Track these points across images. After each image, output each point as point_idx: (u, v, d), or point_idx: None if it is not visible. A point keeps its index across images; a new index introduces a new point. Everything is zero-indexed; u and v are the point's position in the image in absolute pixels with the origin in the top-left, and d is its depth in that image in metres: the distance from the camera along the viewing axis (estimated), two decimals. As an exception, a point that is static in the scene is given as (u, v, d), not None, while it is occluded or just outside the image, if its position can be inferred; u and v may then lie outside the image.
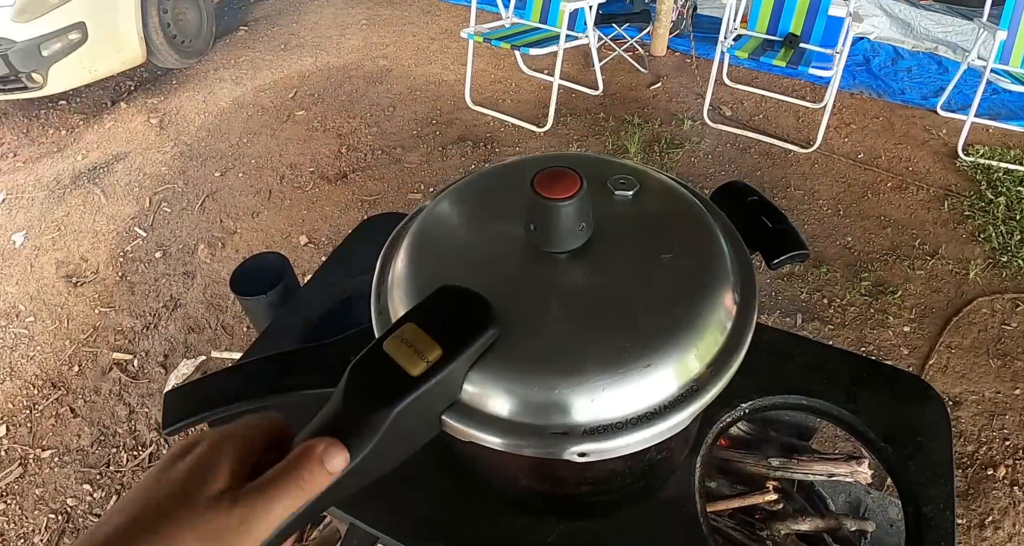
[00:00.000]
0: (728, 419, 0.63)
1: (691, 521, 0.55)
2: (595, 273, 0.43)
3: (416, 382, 0.35)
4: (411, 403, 0.35)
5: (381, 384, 0.35)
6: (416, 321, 0.38)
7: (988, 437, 1.81)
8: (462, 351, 0.37)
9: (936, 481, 0.58)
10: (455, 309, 0.39)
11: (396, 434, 0.34)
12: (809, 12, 3.05)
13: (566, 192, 0.39)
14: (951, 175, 2.84)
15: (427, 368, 0.36)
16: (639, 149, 2.96)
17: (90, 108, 3.44)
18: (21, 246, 2.57)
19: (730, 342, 0.42)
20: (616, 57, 3.66)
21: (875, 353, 2.03)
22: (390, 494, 0.57)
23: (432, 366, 0.36)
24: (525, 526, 0.55)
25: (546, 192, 0.39)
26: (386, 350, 0.36)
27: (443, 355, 0.36)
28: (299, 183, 2.83)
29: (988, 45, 2.84)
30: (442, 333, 0.36)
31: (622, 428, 0.38)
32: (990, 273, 2.33)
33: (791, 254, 0.50)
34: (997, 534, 1.60)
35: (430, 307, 0.39)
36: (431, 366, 0.36)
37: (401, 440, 0.36)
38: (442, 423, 0.39)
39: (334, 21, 4.33)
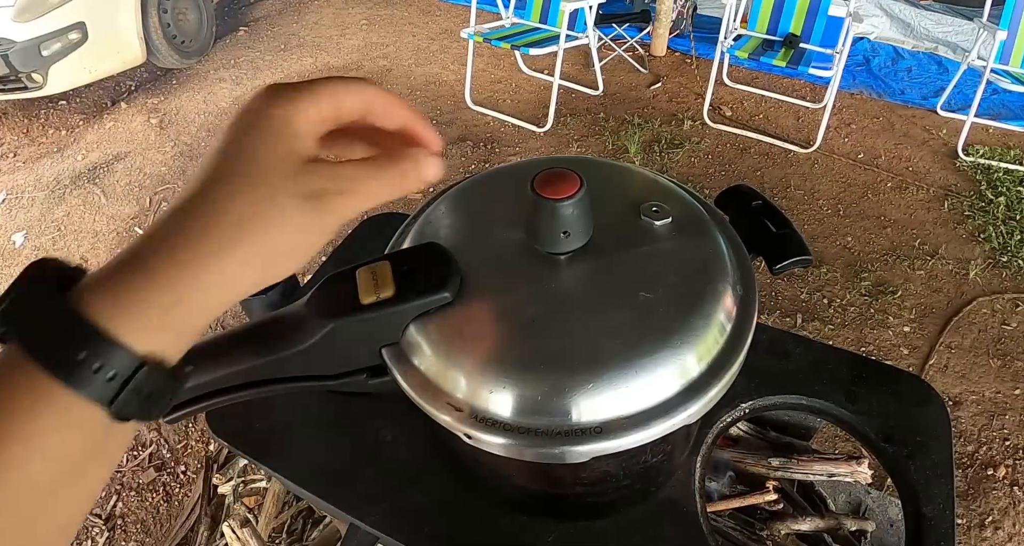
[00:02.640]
0: (728, 419, 0.63)
1: (691, 521, 0.55)
2: (594, 274, 0.43)
3: (360, 309, 0.39)
4: (349, 324, 0.39)
5: (335, 300, 0.41)
6: (392, 261, 0.42)
7: (988, 437, 1.81)
8: (410, 300, 0.40)
9: (936, 481, 0.58)
10: (428, 265, 0.42)
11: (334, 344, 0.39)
12: (809, 12, 3.05)
13: (566, 192, 0.39)
14: (951, 175, 2.84)
15: (374, 301, 0.39)
16: (639, 149, 2.96)
17: (90, 108, 3.44)
18: (21, 246, 2.57)
19: (730, 342, 0.42)
20: (616, 57, 3.66)
21: (875, 353, 2.03)
22: (390, 494, 0.58)
23: (379, 302, 0.40)
24: (525, 526, 0.55)
25: (546, 192, 0.39)
26: (356, 275, 0.41)
27: (393, 296, 0.40)
28: (299, 183, 2.84)
29: (988, 45, 2.84)
30: (404, 279, 0.40)
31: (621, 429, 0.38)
32: (990, 273, 2.33)
33: (794, 260, 0.50)
34: (997, 534, 1.60)
35: (409, 255, 0.44)
36: (378, 301, 0.40)
37: (339, 352, 0.41)
38: (381, 356, 0.42)
39: (334, 21, 4.32)
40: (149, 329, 0.26)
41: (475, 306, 0.41)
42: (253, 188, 0.28)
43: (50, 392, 0.24)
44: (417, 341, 0.41)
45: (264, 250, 0.28)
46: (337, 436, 0.62)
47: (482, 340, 0.40)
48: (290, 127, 0.29)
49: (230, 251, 0.27)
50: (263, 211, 0.28)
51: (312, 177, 0.29)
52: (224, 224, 0.27)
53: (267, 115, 0.29)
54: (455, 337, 0.40)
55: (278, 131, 0.29)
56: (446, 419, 0.40)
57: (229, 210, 0.27)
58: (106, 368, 0.25)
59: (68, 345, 0.24)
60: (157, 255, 0.26)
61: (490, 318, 0.41)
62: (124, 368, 0.25)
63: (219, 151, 0.29)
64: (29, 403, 0.24)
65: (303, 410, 0.64)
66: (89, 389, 0.25)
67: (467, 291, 0.42)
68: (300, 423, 0.63)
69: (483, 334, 0.41)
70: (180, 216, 0.27)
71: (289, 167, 0.28)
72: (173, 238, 0.27)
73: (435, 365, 0.40)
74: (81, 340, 0.24)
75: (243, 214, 0.27)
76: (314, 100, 0.30)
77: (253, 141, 0.28)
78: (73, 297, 0.25)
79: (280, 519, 1.35)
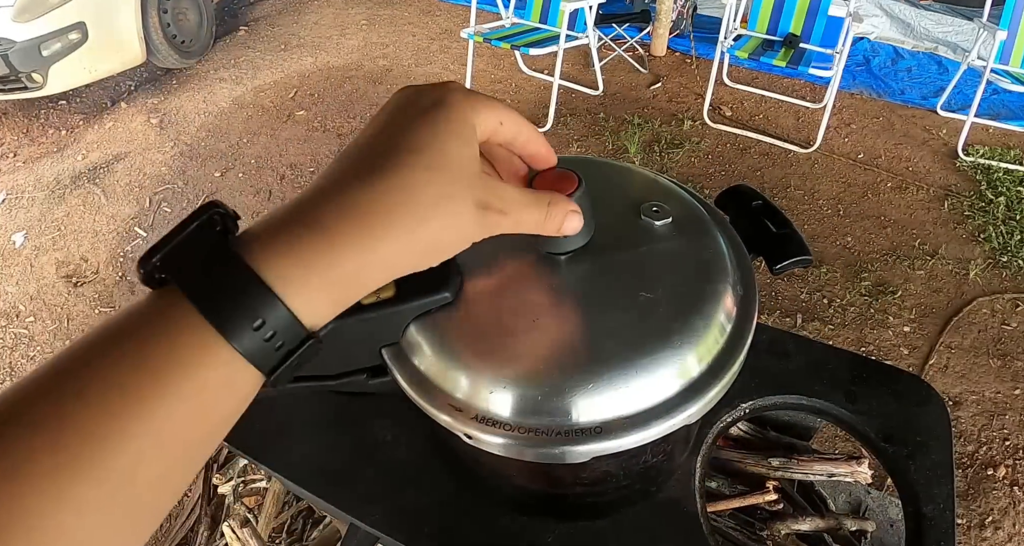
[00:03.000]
0: (728, 419, 0.63)
1: (691, 521, 0.55)
2: (594, 274, 0.43)
3: (360, 309, 0.39)
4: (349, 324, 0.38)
5: None
6: None
7: (988, 437, 1.81)
8: (410, 300, 0.40)
9: (936, 481, 0.58)
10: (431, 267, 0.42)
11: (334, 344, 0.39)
12: (809, 12, 3.05)
13: (565, 192, 0.39)
14: (951, 175, 2.84)
15: (374, 302, 0.39)
16: (639, 149, 2.96)
17: (90, 108, 3.44)
18: (21, 246, 2.57)
19: (730, 342, 0.42)
20: (616, 57, 3.67)
21: (875, 353, 2.03)
22: (390, 494, 0.58)
23: (379, 302, 0.39)
24: (525, 526, 0.55)
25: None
26: None
27: (393, 297, 0.39)
28: (299, 183, 2.83)
29: (988, 45, 2.84)
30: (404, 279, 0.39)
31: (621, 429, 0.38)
32: (990, 273, 2.33)
33: (794, 260, 0.49)
34: (997, 534, 1.60)
35: None
36: (378, 302, 0.39)
37: (339, 352, 0.41)
38: (381, 356, 0.42)
39: (334, 21, 4.33)
40: (318, 299, 0.26)
41: (475, 306, 0.41)
42: (440, 184, 0.28)
43: (217, 351, 0.24)
44: (417, 341, 0.41)
45: (431, 241, 0.29)
46: (337, 436, 0.62)
47: (482, 340, 0.40)
48: (476, 134, 0.31)
49: (408, 235, 0.28)
50: (443, 206, 0.29)
51: (484, 188, 0.31)
52: (411, 209, 0.28)
53: (462, 118, 0.30)
54: (455, 337, 0.40)
55: (468, 137, 0.30)
56: (446, 419, 0.40)
57: (417, 199, 0.28)
58: (277, 337, 0.25)
59: (242, 307, 0.24)
60: (340, 225, 0.26)
61: (490, 318, 0.41)
62: (291, 339, 0.25)
63: (405, 132, 0.29)
64: (194, 357, 0.24)
65: (303, 410, 0.64)
66: (256, 355, 0.25)
67: (467, 291, 0.42)
68: (300, 423, 0.63)
69: (483, 334, 0.41)
70: (365, 190, 0.27)
71: (472, 172, 0.30)
72: (360, 211, 0.27)
73: (435, 365, 0.40)
74: (257, 304, 0.24)
75: (427, 205, 0.28)
76: (495, 115, 0.32)
77: (447, 139, 0.29)
78: (244, 251, 0.25)
79: (280, 519, 1.35)
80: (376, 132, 0.30)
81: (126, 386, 0.23)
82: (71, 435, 0.22)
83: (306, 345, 0.26)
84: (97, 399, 0.22)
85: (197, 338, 0.24)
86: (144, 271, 0.25)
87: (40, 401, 0.22)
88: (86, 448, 0.22)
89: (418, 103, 0.30)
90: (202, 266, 0.24)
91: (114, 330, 0.24)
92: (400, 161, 0.28)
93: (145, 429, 0.23)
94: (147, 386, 0.23)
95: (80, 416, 0.22)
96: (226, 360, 0.24)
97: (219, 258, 0.25)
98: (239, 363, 0.24)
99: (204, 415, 0.24)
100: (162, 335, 0.24)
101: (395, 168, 0.28)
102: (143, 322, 0.24)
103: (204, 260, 0.25)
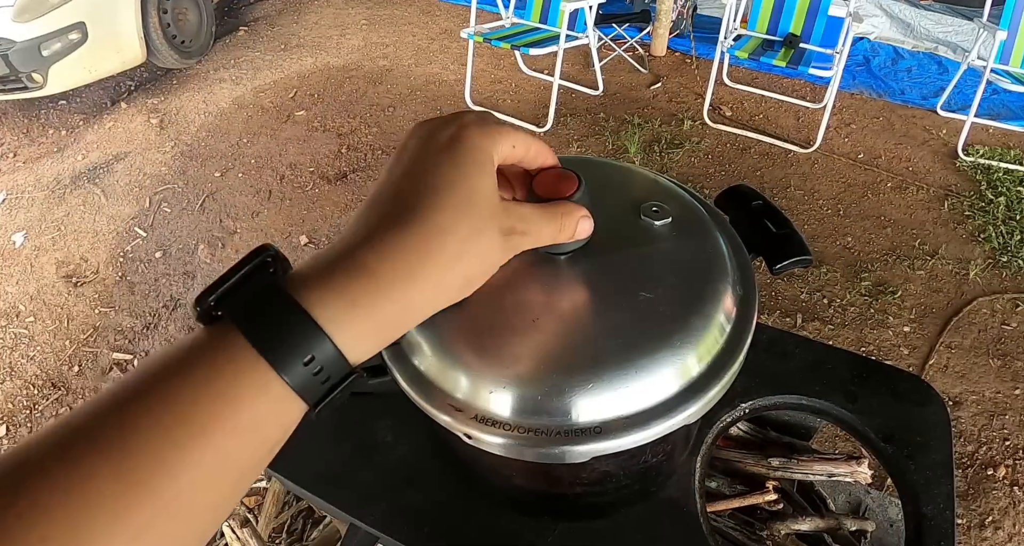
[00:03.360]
0: (728, 419, 0.63)
1: (691, 521, 0.55)
2: (594, 274, 0.43)
3: None
4: None
5: None
6: None
7: (988, 437, 1.81)
8: None
9: (936, 481, 0.58)
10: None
11: None
12: (809, 12, 3.05)
13: (565, 193, 0.39)
14: (951, 175, 2.84)
15: None
16: (639, 149, 2.96)
17: (90, 108, 3.44)
18: (21, 246, 2.57)
19: (730, 342, 0.42)
20: (616, 57, 3.67)
21: (875, 353, 2.03)
22: (390, 494, 0.58)
23: None
24: (525, 526, 0.55)
25: (545, 193, 0.39)
26: None
27: None
28: (299, 183, 2.84)
29: (988, 45, 2.84)
30: None
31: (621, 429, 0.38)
32: (990, 273, 2.33)
33: (794, 260, 0.49)
34: (997, 534, 1.60)
35: None
36: None
37: None
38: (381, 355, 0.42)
39: (334, 21, 4.33)
40: (362, 338, 0.28)
41: (475, 306, 0.41)
42: (467, 221, 0.30)
43: (269, 385, 0.25)
44: (417, 341, 0.41)
45: (464, 275, 0.31)
46: (337, 436, 0.62)
47: (482, 340, 0.40)
48: (494, 164, 0.32)
49: (445, 274, 0.30)
50: (473, 242, 0.30)
51: (507, 216, 0.32)
52: (445, 250, 0.29)
53: (480, 150, 0.32)
54: (455, 337, 0.40)
55: (488, 169, 0.32)
56: (446, 419, 0.40)
57: (449, 240, 0.29)
58: (324, 372, 0.26)
59: (296, 344, 0.26)
60: (385, 268, 0.28)
61: (490, 318, 0.41)
62: (336, 374, 0.27)
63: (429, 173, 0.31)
64: (250, 391, 0.25)
65: (303, 410, 0.64)
66: (305, 388, 0.26)
67: None
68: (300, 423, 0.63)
69: (483, 334, 0.41)
70: (403, 236, 0.29)
71: (494, 204, 0.31)
72: (400, 256, 0.28)
73: (435, 365, 0.40)
74: (308, 341, 0.26)
75: (459, 244, 0.30)
76: (509, 141, 0.33)
77: (469, 175, 0.31)
78: (295, 292, 0.26)
79: (280, 519, 1.35)
80: (402, 174, 0.31)
81: (188, 418, 0.24)
82: (135, 462, 0.22)
83: (349, 379, 0.28)
84: (160, 430, 0.23)
85: (252, 373, 0.25)
86: (201, 309, 0.26)
87: (101, 429, 0.23)
88: (149, 475, 0.23)
89: (436, 141, 0.32)
90: (257, 305, 0.26)
91: (172, 363, 0.25)
92: (429, 204, 0.29)
93: (206, 458, 0.24)
94: (207, 418, 0.24)
95: (144, 445, 0.23)
96: (278, 394, 0.26)
97: (273, 299, 0.26)
98: (289, 396, 0.26)
99: (257, 444, 0.26)
100: (220, 370, 0.25)
101: (426, 211, 0.29)
102: (200, 357, 0.25)
103: (258, 299, 0.26)
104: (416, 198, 0.30)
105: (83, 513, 0.21)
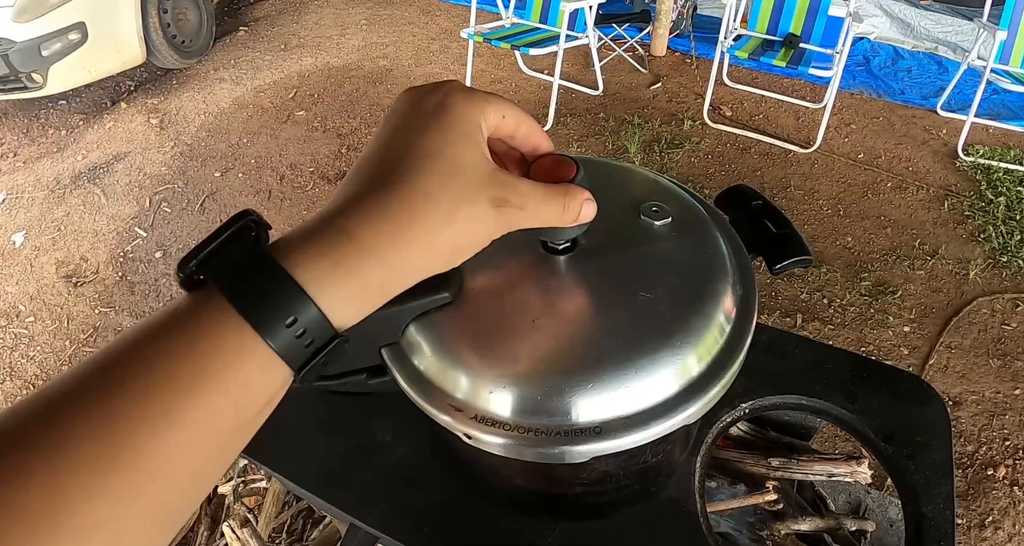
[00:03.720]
0: (728, 419, 0.63)
1: (691, 521, 0.55)
2: (594, 274, 0.43)
3: None
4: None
5: None
6: None
7: (988, 437, 1.81)
8: (410, 300, 0.39)
9: (936, 481, 0.58)
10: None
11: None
12: (809, 12, 3.05)
13: (564, 178, 0.39)
14: (951, 175, 2.84)
15: None
16: (639, 149, 2.96)
17: (90, 108, 3.44)
18: (21, 246, 2.57)
19: (730, 342, 0.42)
20: (616, 57, 3.67)
21: (875, 353, 2.03)
22: (390, 494, 0.58)
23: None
24: (525, 526, 0.55)
25: (543, 179, 0.39)
26: None
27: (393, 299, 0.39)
28: (299, 183, 2.84)
29: (988, 45, 2.84)
30: None
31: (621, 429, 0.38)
32: (990, 273, 2.33)
33: (794, 260, 0.49)
34: (997, 534, 1.60)
35: None
36: None
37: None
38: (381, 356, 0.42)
39: (334, 21, 4.33)
40: (346, 301, 0.28)
41: (475, 306, 0.41)
42: (454, 188, 0.30)
43: (253, 348, 0.25)
44: (417, 341, 0.41)
45: (450, 243, 0.30)
46: (337, 436, 0.62)
47: (482, 340, 0.40)
48: (483, 133, 0.32)
49: (430, 241, 0.29)
50: (460, 210, 0.30)
51: (499, 187, 0.31)
52: (430, 216, 0.29)
53: (468, 118, 0.31)
54: (455, 337, 0.40)
55: (476, 138, 0.31)
56: (446, 419, 0.40)
57: (434, 206, 0.29)
58: (307, 335, 0.26)
59: (277, 307, 0.26)
60: (367, 231, 0.28)
61: (490, 318, 0.41)
62: (320, 337, 0.27)
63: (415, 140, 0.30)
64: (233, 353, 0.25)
65: (303, 410, 0.64)
66: (288, 351, 0.26)
67: (467, 291, 0.42)
68: (300, 423, 0.63)
69: (483, 334, 0.41)
70: (387, 200, 0.28)
71: (484, 173, 0.31)
72: (384, 220, 0.28)
73: (435, 365, 0.40)
74: (291, 304, 0.26)
75: (445, 210, 0.29)
76: (498, 110, 0.33)
77: (456, 143, 0.30)
78: (278, 256, 0.26)
79: (280, 519, 1.35)
80: (388, 141, 0.31)
81: (172, 379, 0.24)
82: (120, 424, 0.22)
83: (333, 344, 0.28)
84: (143, 391, 0.23)
85: (236, 336, 0.25)
86: (183, 274, 0.26)
87: (85, 392, 0.23)
88: (133, 436, 0.23)
89: (422, 108, 0.31)
90: (239, 269, 0.26)
91: (155, 328, 0.25)
92: (414, 168, 0.29)
93: (189, 419, 0.24)
94: (192, 379, 0.24)
95: (129, 406, 0.23)
96: (261, 356, 0.26)
97: (255, 261, 0.26)
98: (273, 360, 0.26)
99: (242, 407, 0.26)
100: (203, 333, 0.25)
101: (411, 176, 0.29)
102: (184, 321, 0.25)
103: (240, 263, 0.26)
104: (400, 163, 0.29)
105: (67, 476, 0.21)
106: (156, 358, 0.24)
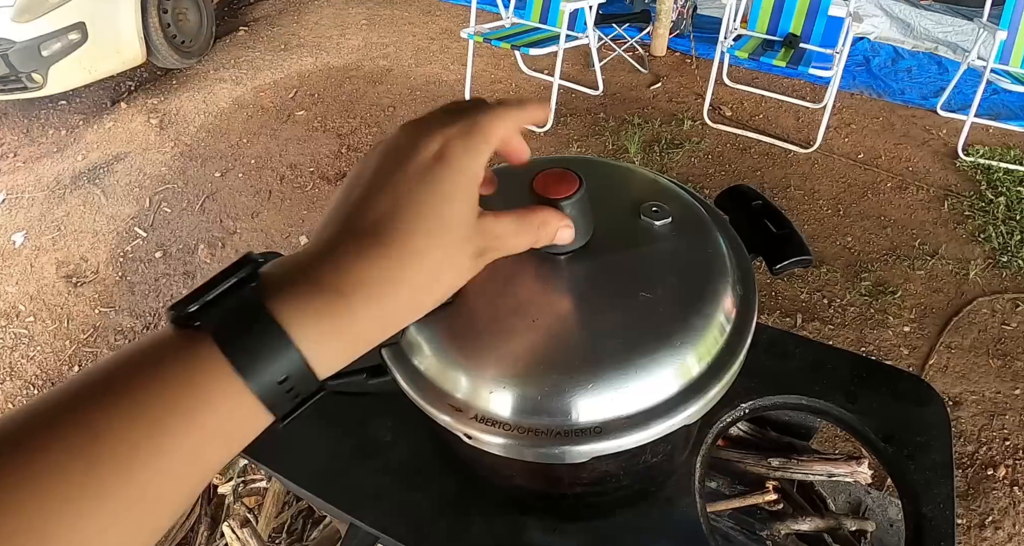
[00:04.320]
0: (728, 419, 0.63)
1: (691, 521, 0.55)
2: (594, 274, 0.43)
3: None
4: None
5: None
6: None
7: (988, 437, 1.81)
8: None
9: (936, 481, 0.58)
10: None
11: None
12: (809, 12, 3.05)
13: (565, 193, 0.39)
14: (951, 175, 2.84)
15: None
16: (639, 149, 2.96)
17: (90, 108, 3.44)
18: (21, 246, 2.57)
19: (730, 342, 0.42)
20: (616, 57, 3.66)
21: (875, 353, 2.03)
22: (390, 494, 0.58)
23: None
24: (525, 526, 0.55)
25: (545, 193, 0.39)
26: None
27: None
28: (299, 183, 2.83)
29: (988, 45, 2.84)
30: None
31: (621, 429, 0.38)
32: (990, 273, 2.33)
33: (794, 260, 0.49)
34: (997, 534, 1.60)
35: None
36: None
37: None
38: (381, 356, 0.42)
39: (334, 21, 4.33)
40: (332, 354, 0.29)
41: (475, 306, 0.41)
42: (442, 245, 0.30)
43: (239, 395, 0.26)
44: (417, 341, 0.41)
45: (434, 296, 0.32)
46: (337, 436, 0.62)
47: (482, 340, 0.40)
48: (477, 183, 0.32)
49: (415, 295, 0.31)
50: (446, 268, 0.31)
51: (481, 237, 0.32)
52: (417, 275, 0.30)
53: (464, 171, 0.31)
54: (455, 337, 0.40)
55: (470, 191, 0.31)
56: (446, 419, 0.40)
57: (420, 266, 0.30)
58: (295, 389, 0.28)
59: (268, 360, 0.26)
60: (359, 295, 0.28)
61: (490, 318, 0.41)
62: (306, 389, 0.28)
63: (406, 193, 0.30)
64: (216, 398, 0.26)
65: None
66: (274, 403, 0.27)
67: (466, 291, 0.42)
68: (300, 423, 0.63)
69: (483, 334, 0.41)
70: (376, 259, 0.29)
71: (471, 227, 0.32)
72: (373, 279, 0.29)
73: (435, 365, 0.40)
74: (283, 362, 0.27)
75: (432, 269, 0.30)
76: (496, 141, 0.33)
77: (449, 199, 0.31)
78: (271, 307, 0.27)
79: (280, 519, 1.35)
80: (381, 184, 0.31)
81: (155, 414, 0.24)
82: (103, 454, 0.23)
83: (318, 395, 0.29)
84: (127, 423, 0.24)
85: (225, 383, 0.26)
86: (178, 314, 0.27)
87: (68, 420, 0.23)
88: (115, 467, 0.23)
89: (419, 156, 0.31)
90: (235, 322, 0.27)
91: (143, 364, 0.26)
92: (404, 229, 0.30)
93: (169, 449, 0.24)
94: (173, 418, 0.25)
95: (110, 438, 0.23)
96: (249, 405, 0.27)
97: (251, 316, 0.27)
98: (257, 406, 0.27)
99: (224, 445, 0.27)
100: (192, 378, 0.26)
101: (402, 236, 0.29)
102: (174, 360, 0.26)
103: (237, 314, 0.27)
104: (391, 219, 0.30)
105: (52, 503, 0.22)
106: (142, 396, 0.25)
